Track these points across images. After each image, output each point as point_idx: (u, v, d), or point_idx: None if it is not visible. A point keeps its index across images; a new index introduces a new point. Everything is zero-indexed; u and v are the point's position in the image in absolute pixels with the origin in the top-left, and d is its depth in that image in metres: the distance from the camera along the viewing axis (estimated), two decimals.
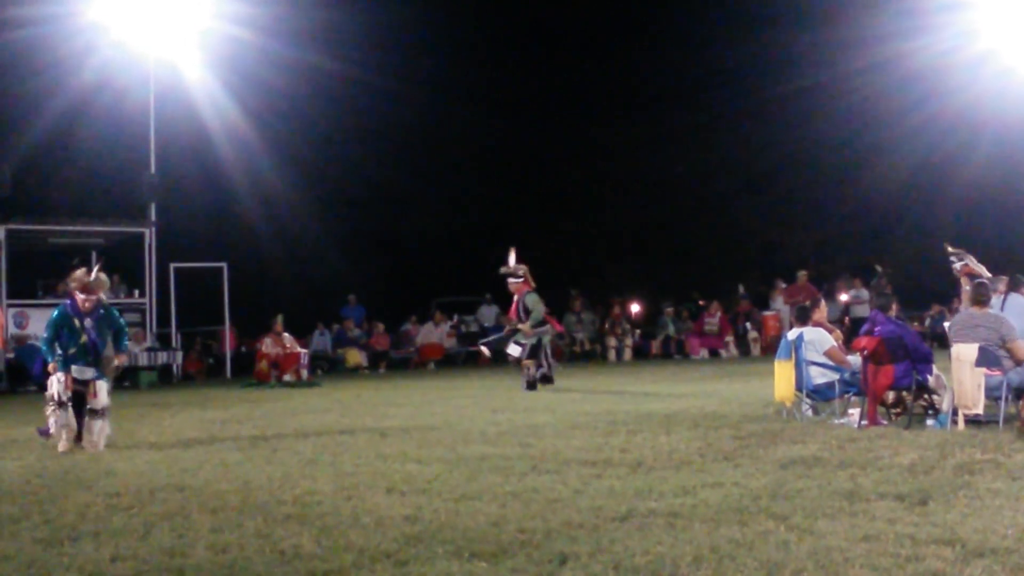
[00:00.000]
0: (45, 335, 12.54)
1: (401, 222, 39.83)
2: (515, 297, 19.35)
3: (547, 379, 19.10)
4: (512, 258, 19.27)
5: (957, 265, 16.00)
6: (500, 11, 42.35)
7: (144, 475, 9.70)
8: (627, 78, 44.36)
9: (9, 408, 19.17)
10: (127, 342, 13.44)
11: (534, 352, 19.05)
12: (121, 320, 13.01)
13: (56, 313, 12.45)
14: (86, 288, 12.39)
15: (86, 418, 11.97)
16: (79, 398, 12.04)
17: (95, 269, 13.13)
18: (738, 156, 41.81)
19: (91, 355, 12.23)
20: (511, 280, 19.30)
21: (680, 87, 42.75)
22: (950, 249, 16.33)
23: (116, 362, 12.83)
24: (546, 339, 19.42)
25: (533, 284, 19.42)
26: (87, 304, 12.29)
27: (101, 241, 28.50)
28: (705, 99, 41.46)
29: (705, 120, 41.23)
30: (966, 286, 15.44)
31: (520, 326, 19.01)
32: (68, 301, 12.57)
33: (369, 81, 36.03)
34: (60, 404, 11.99)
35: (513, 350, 19.16)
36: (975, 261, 15.92)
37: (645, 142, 42.59)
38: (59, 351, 12.23)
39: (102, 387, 12.17)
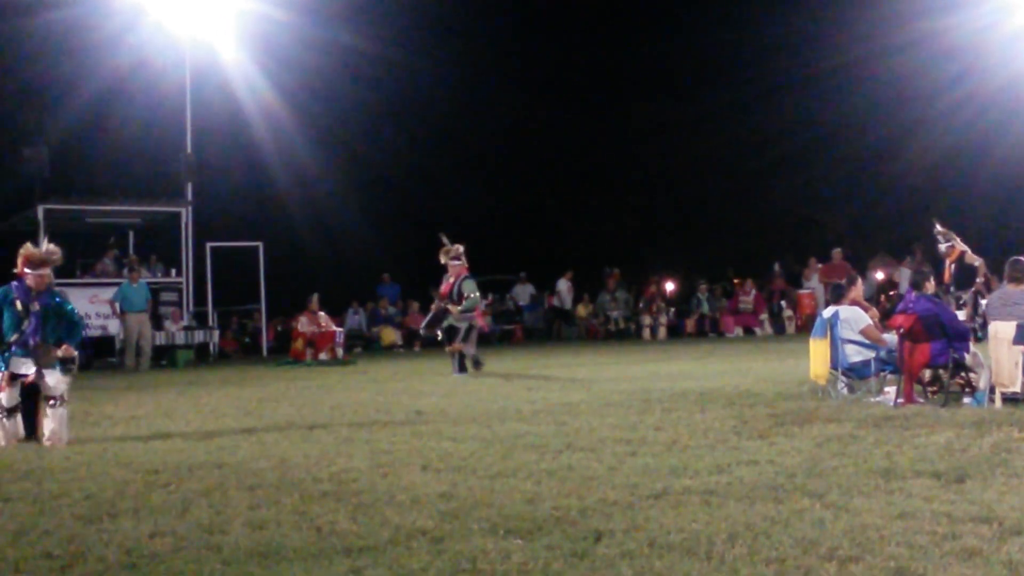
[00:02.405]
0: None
1: (436, 201, 39.84)
2: (452, 279, 18.54)
3: (465, 364, 18.33)
4: (447, 241, 18.64)
5: (943, 246, 15.92)
6: (538, 2, 42.37)
7: (182, 452, 9.76)
8: (662, 57, 44.18)
9: None
10: (81, 335, 11.70)
11: (467, 335, 18.39)
12: (75, 313, 11.62)
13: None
14: (37, 262, 11.11)
15: (44, 408, 10.89)
16: (32, 391, 10.95)
17: (43, 241, 11.87)
18: (773, 134, 41.57)
19: (29, 346, 10.90)
20: (453, 263, 18.49)
21: (715, 66, 42.65)
22: (939, 228, 16.23)
23: (60, 352, 11.05)
24: (476, 322, 18.79)
25: (467, 267, 18.82)
26: (39, 280, 11.03)
27: (138, 220, 28.70)
28: (740, 77, 41.35)
29: (740, 98, 41.09)
30: (951, 266, 15.39)
31: (451, 307, 18.56)
32: (14, 282, 11.13)
33: (404, 61, 36.11)
34: (8, 412, 10.80)
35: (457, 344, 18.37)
36: (961, 242, 15.86)
37: (679, 121, 42.44)
38: None
39: (53, 374, 10.89)
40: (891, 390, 12.04)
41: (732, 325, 30.45)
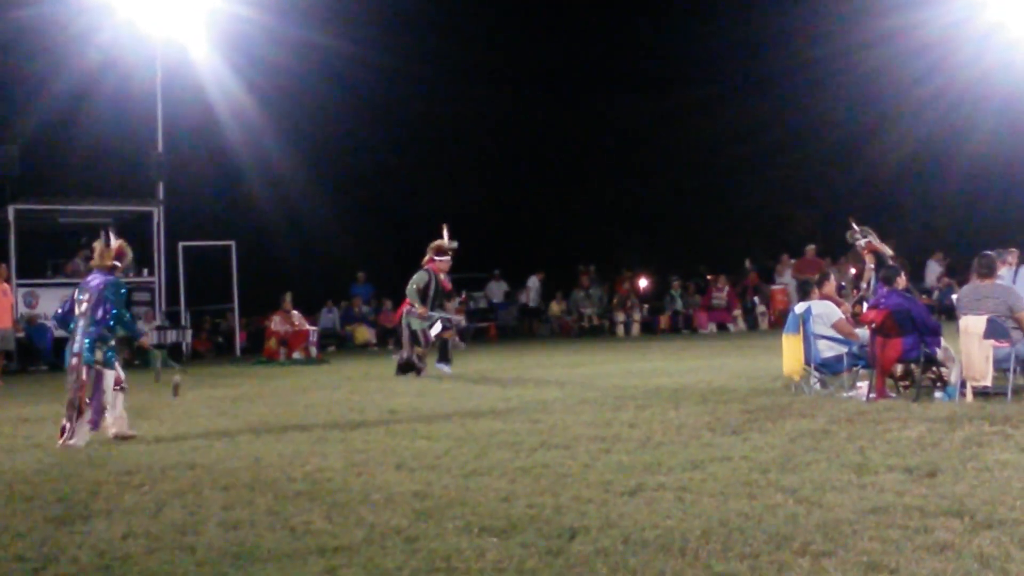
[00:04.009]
0: (126, 313, 11.29)
1: (408, 199, 39.80)
2: (443, 276, 18.22)
3: (412, 367, 17.96)
4: (447, 233, 18.36)
5: (861, 242, 16.00)
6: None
7: (155, 453, 9.74)
8: (632, 54, 44.20)
9: (20, 387, 19.24)
10: None
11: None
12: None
13: (124, 289, 11.41)
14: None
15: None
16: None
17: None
18: (745, 131, 41.56)
19: None
20: (445, 259, 18.14)
21: (686, 63, 42.54)
22: (855, 226, 16.30)
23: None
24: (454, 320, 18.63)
25: None
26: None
27: (110, 220, 28.46)
28: (711, 73, 41.32)
29: (712, 95, 41.11)
30: (870, 263, 15.47)
31: (449, 303, 18.43)
32: (107, 271, 11.34)
33: (376, 60, 35.96)
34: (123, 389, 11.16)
35: (436, 328, 18.00)
36: (878, 239, 15.94)
37: (651, 117, 42.44)
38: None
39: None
40: (863, 385, 12.11)
41: (705, 321, 30.53)
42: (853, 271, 29.23)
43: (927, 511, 6.19)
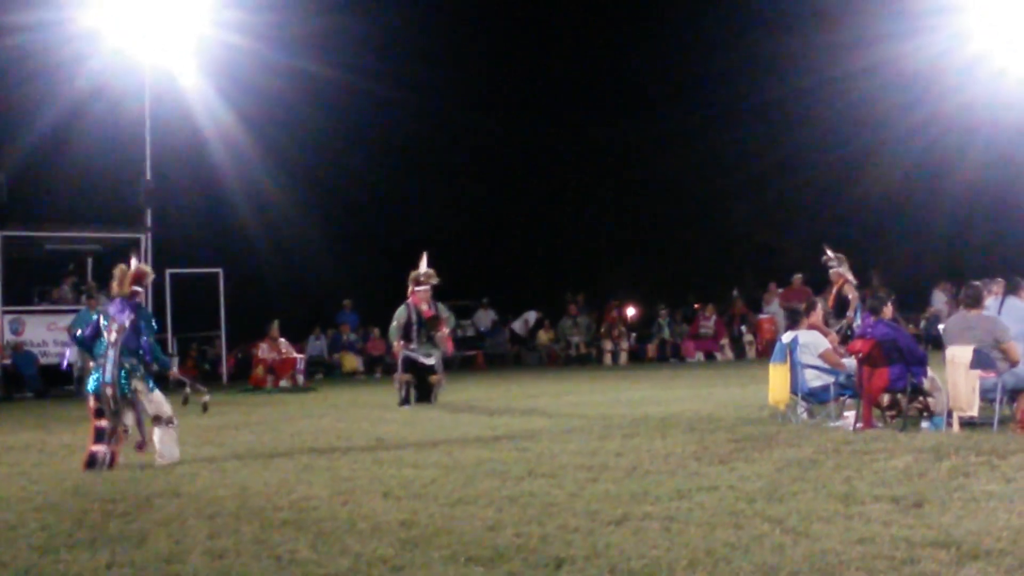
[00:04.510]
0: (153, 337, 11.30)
1: (396, 227, 39.82)
2: (424, 306, 17.88)
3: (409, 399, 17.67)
4: (425, 263, 18.20)
5: (833, 269, 16.06)
6: (494, 17, 42.43)
7: (140, 482, 9.71)
8: (621, 81, 44.41)
9: (5, 415, 19.17)
10: None
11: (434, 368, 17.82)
12: None
13: (149, 313, 11.54)
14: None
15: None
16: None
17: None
18: (733, 158, 41.75)
19: None
20: (424, 288, 17.89)
21: (674, 89, 42.78)
22: (829, 253, 16.35)
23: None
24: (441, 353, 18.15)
25: None
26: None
27: (97, 247, 28.51)
28: (699, 101, 41.50)
29: (699, 122, 41.22)
30: (838, 291, 15.53)
31: (442, 330, 18.13)
32: (131, 302, 11.29)
33: (364, 87, 36.01)
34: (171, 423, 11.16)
35: (430, 359, 17.72)
36: (848, 268, 16.00)
37: (639, 144, 42.61)
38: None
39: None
40: (850, 415, 12.12)
41: (693, 350, 30.55)
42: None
43: (914, 542, 6.19)
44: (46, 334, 25.25)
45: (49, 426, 16.08)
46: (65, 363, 24.88)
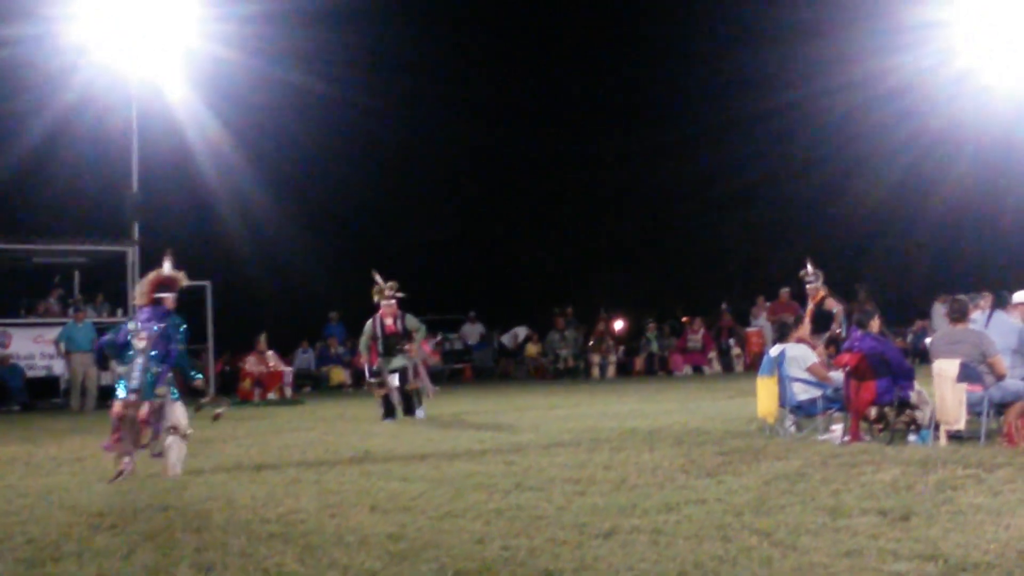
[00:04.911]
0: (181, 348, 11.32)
1: (384, 240, 39.79)
2: (389, 321, 17.92)
3: (393, 411, 17.57)
4: (379, 277, 18.08)
5: (811, 284, 16.10)
6: (482, 32, 42.58)
7: (127, 495, 9.68)
8: (610, 97, 44.55)
9: None
10: None
11: (416, 371, 17.85)
12: None
13: (178, 321, 11.41)
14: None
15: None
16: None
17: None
18: (721, 173, 41.86)
19: None
20: (387, 302, 17.90)
21: (662, 104, 42.91)
22: (810, 268, 16.39)
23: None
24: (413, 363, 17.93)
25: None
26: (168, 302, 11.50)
27: (84, 260, 28.45)
28: (687, 116, 41.58)
29: (687, 137, 41.31)
30: (812, 308, 15.58)
31: (408, 347, 17.84)
32: (159, 309, 11.41)
33: (351, 100, 36.07)
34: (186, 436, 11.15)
35: (394, 379, 17.60)
36: (823, 284, 16.07)
37: (627, 159, 42.75)
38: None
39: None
40: (838, 428, 12.13)
41: (681, 363, 30.57)
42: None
43: (901, 555, 6.21)
44: (32, 347, 25.19)
45: (36, 439, 16.02)
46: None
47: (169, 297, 11.54)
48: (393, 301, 18.01)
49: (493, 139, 42.09)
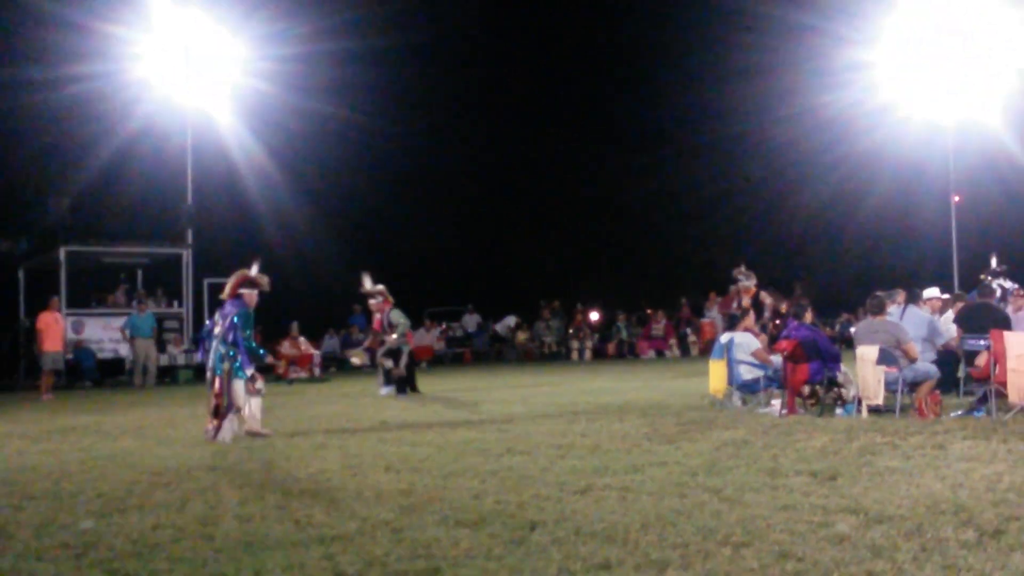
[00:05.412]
0: (245, 334, 11.16)
1: (399, 243, 39.88)
2: (377, 315, 17.88)
3: (403, 386, 17.47)
4: (368, 281, 17.93)
5: (744, 284, 16.05)
6: (483, 65, 42.73)
7: (181, 457, 9.67)
8: (593, 124, 44.70)
9: (69, 401, 19.08)
10: None
11: (396, 359, 17.53)
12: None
13: (245, 312, 11.27)
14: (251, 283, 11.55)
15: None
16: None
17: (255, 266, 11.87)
18: (683, 189, 41.98)
19: None
20: (371, 301, 17.89)
21: (639, 130, 43.05)
22: (742, 268, 16.35)
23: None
24: (406, 348, 17.70)
25: (392, 300, 17.94)
26: (251, 298, 11.51)
27: (146, 261, 28.45)
28: (658, 140, 41.76)
29: (656, 158, 41.49)
30: (742, 302, 15.56)
31: (385, 337, 17.58)
32: (235, 303, 11.35)
33: (373, 126, 36.22)
34: (239, 410, 10.97)
35: (387, 359, 17.51)
36: (755, 283, 16.03)
37: (605, 176, 42.83)
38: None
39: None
40: (777, 403, 12.14)
41: (646, 348, 30.53)
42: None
43: (829, 509, 6.21)
44: (102, 333, 25.18)
45: (104, 410, 16.01)
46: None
47: (249, 293, 11.53)
48: (373, 302, 17.90)
49: (490, 163, 42.26)
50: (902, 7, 28.47)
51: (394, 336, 17.61)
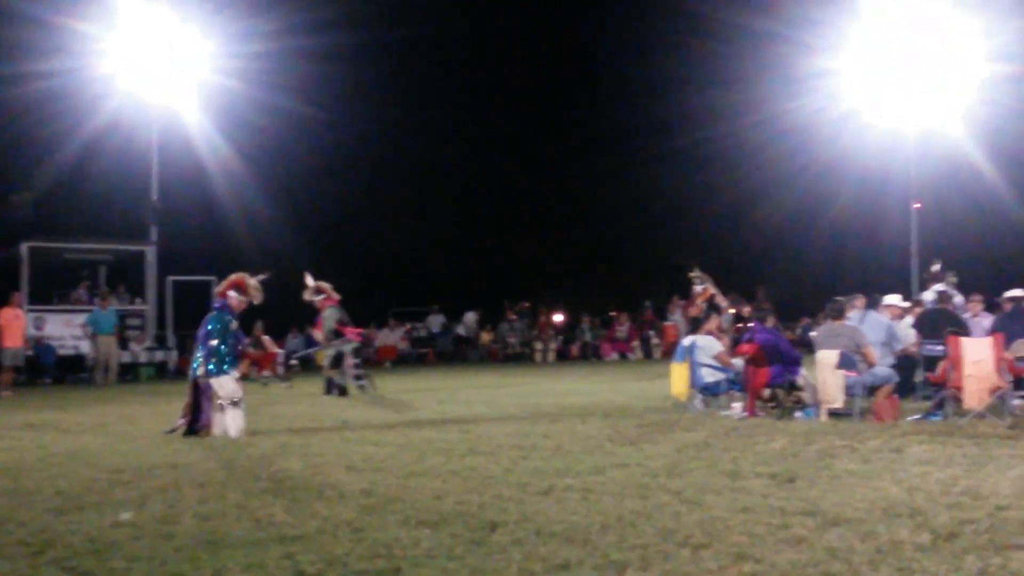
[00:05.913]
0: (215, 342, 11.06)
1: (366, 241, 39.80)
2: (320, 314, 17.72)
3: (330, 387, 17.21)
4: (310, 279, 17.73)
5: (699, 288, 16.14)
6: (456, 66, 42.76)
7: (142, 455, 9.60)
8: (563, 130, 44.88)
9: (29, 397, 18.90)
10: None
11: (336, 362, 17.29)
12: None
13: (221, 317, 11.24)
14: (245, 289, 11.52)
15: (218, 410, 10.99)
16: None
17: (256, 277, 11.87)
18: (649, 195, 42.14)
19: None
20: (315, 299, 17.56)
21: (606, 137, 43.17)
22: (697, 272, 16.43)
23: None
24: (347, 348, 17.32)
25: (337, 297, 17.65)
26: (240, 304, 11.52)
27: (109, 257, 28.24)
28: (625, 147, 41.92)
29: (623, 165, 41.64)
30: (701, 305, 15.66)
31: (322, 340, 17.55)
32: (220, 302, 11.44)
33: (340, 124, 36.08)
34: (235, 403, 10.95)
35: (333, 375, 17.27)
36: (713, 285, 16.12)
37: (572, 182, 42.98)
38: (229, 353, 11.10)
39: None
40: (738, 405, 12.19)
41: (609, 350, 30.62)
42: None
43: (787, 511, 6.24)
44: (63, 329, 24.98)
45: (64, 407, 15.86)
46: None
47: (235, 298, 11.54)
48: (317, 299, 17.63)
49: (459, 166, 42.30)
50: (866, 15, 28.69)
51: (323, 338, 17.41)
